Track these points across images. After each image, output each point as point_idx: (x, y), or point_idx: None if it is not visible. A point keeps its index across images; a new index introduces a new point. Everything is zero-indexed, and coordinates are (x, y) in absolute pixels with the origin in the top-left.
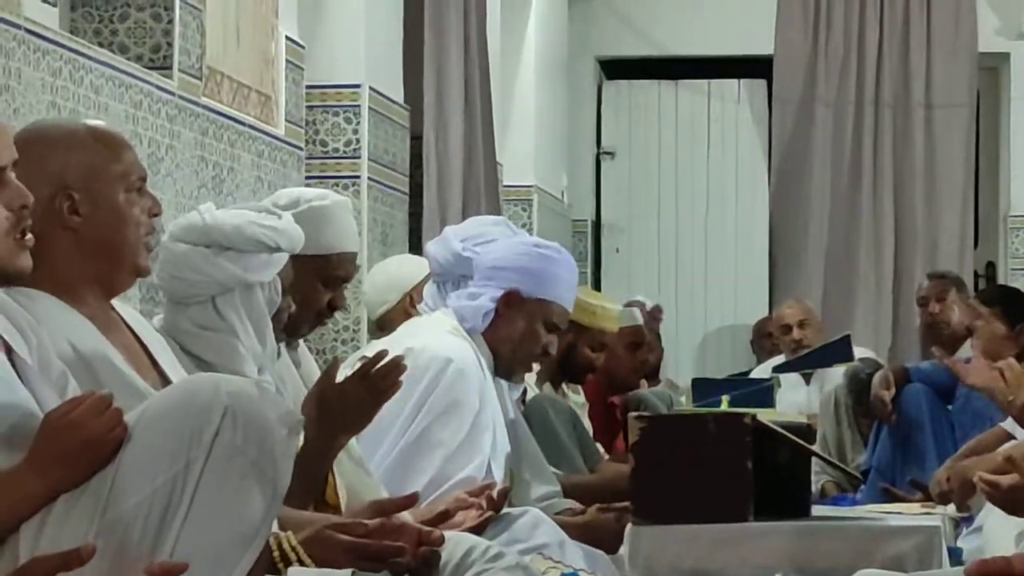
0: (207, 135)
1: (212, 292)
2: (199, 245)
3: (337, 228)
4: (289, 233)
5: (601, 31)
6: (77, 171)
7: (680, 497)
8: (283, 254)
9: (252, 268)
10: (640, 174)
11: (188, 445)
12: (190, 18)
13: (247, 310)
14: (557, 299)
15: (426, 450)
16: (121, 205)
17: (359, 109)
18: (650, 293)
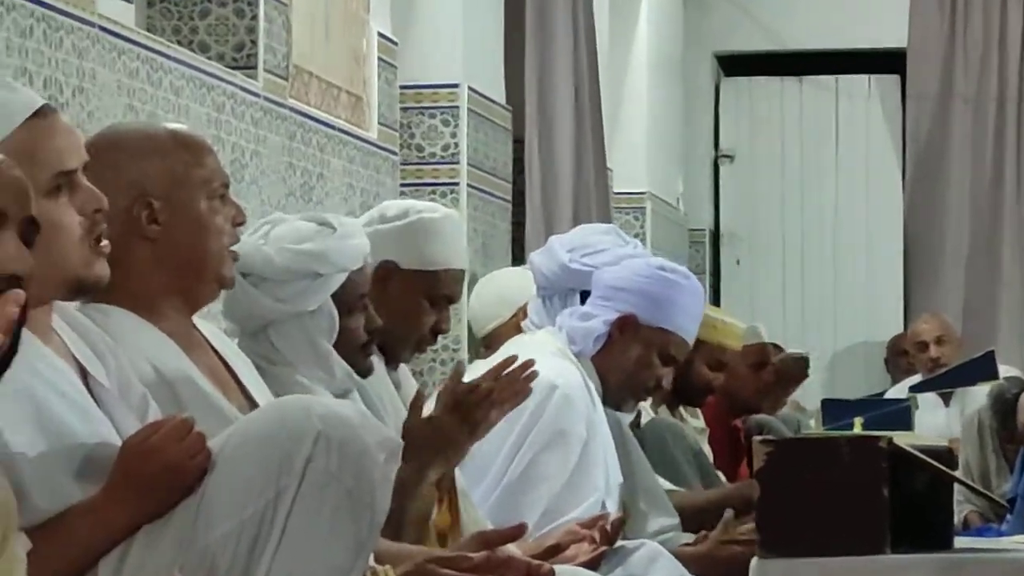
0: (294, 139)
1: (260, 323)
2: (240, 274)
3: (446, 243)
4: (333, 254)
5: (719, 24)
6: (156, 178)
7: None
8: (330, 276)
9: (289, 298)
10: (762, 179)
11: (278, 472)
12: (276, 14)
13: (301, 340)
14: (677, 329)
15: (532, 485)
16: (203, 213)
17: (457, 110)
18: (774, 307)
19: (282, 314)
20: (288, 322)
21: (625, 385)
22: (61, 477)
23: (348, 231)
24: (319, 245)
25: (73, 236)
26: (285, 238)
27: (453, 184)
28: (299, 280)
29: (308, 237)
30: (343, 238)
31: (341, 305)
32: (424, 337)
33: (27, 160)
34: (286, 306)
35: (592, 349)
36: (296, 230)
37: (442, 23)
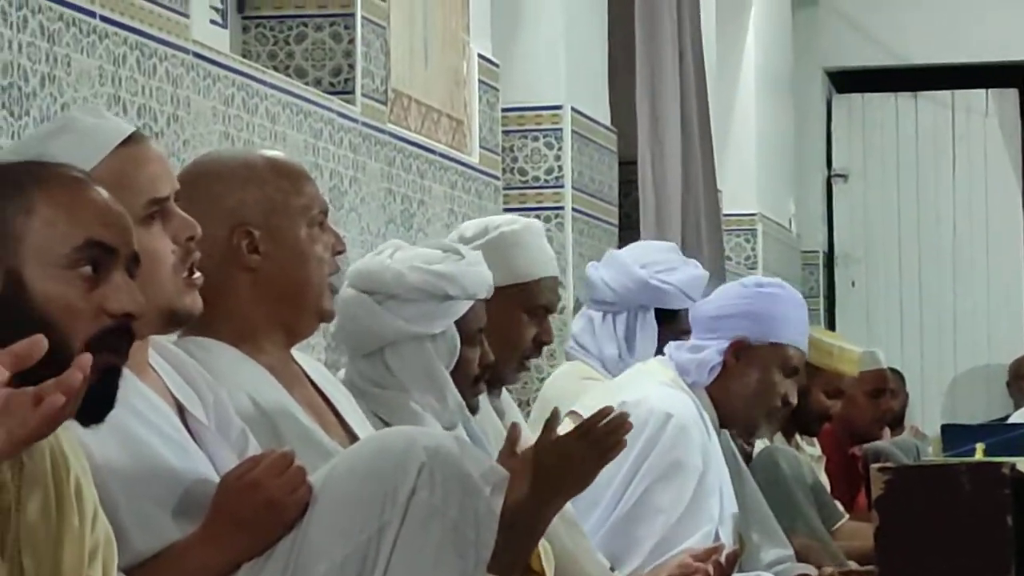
0: (394, 165)
1: (378, 344)
2: (363, 291)
3: (533, 253)
4: (463, 279)
5: (829, 40)
6: (255, 206)
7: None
8: (458, 302)
9: (417, 319)
10: (877, 198)
11: (381, 506)
12: (373, 37)
13: (418, 364)
14: (791, 341)
15: (645, 517)
16: (303, 242)
17: (561, 133)
18: (891, 331)
19: (404, 335)
20: (408, 344)
21: (753, 410)
22: (159, 516)
23: (475, 259)
24: (451, 268)
25: (167, 266)
26: (416, 259)
27: (557, 208)
28: (428, 301)
29: (437, 260)
30: (472, 265)
31: (461, 335)
32: (528, 352)
33: (120, 188)
34: (411, 326)
35: (707, 379)
36: (424, 253)
37: (544, 43)
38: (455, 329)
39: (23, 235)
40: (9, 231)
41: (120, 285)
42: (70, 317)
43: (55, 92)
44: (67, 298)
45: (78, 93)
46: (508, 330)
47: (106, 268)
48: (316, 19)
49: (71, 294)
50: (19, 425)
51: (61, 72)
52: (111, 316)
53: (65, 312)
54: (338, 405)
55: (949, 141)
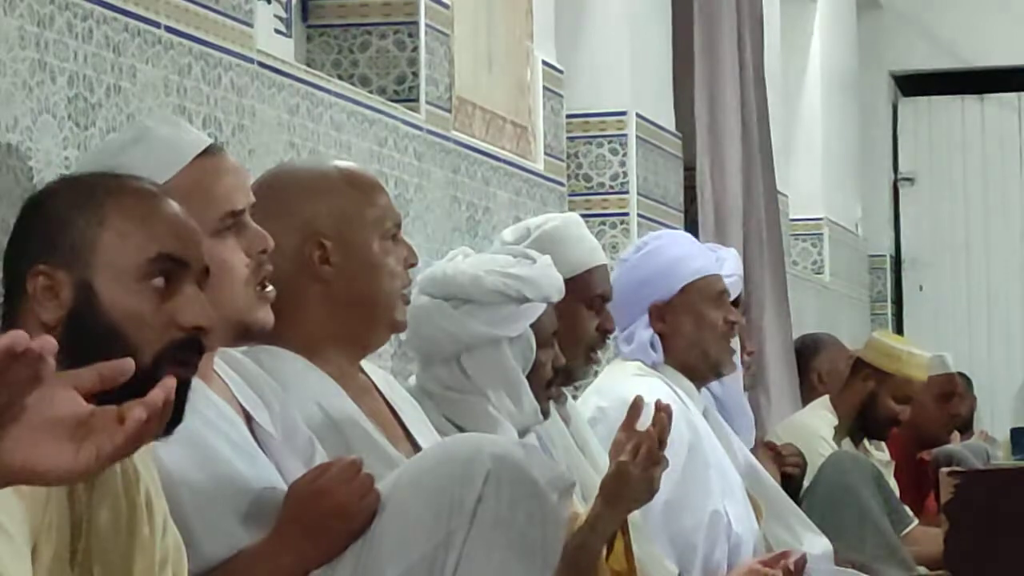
0: (459, 172)
1: (455, 349)
2: (438, 297)
3: (579, 244)
4: (538, 281)
5: (895, 42)
6: (329, 217)
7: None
8: (534, 305)
9: (495, 322)
10: (944, 201)
11: (448, 514)
12: (437, 44)
13: (496, 368)
14: (696, 275)
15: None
16: (376, 254)
17: (625, 139)
18: (960, 335)
19: (483, 339)
20: (484, 348)
21: (705, 351)
22: (228, 524)
23: (546, 262)
24: (526, 271)
25: (240, 278)
26: (489, 263)
27: (623, 215)
28: (506, 304)
29: (511, 264)
30: (544, 267)
31: (535, 338)
32: (593, 342)
33: (196, 200)
34: (489, 330)
35: (659, 355)
36: (495, 258)
37: (608, 50)
38: (531, 332)
39: (95, 246)
40: (82, 242)
41: (192, 298)
42: (141, 329)
43: (121, 103)
44: (138, 310)
45: (143, 104)
46: (571, 325)
47: (178, 281)
48: (380, 27)
49: (142, 306)
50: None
51: (127, 83)
52: (182, 329)
53: (136, 324)
54: (404, 417)
55: (1016, 143)
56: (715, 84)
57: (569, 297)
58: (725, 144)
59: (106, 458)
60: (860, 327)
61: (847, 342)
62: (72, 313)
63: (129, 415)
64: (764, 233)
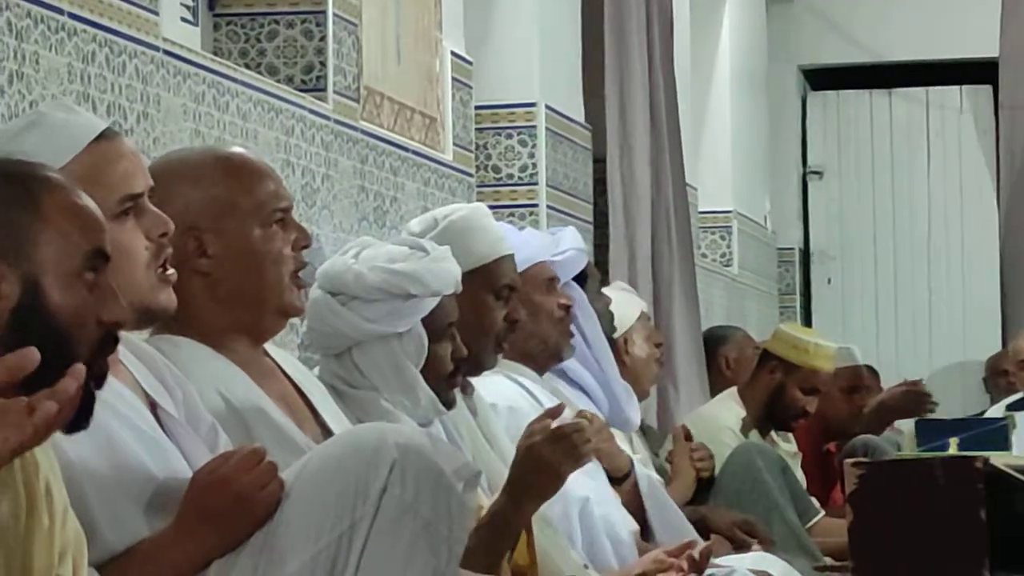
0: (367, 162)
1: (345, 344)
2: (328, 292)
3: (485, 234)
4: (425, 276)
5: (804, 37)
6: (203, 208)
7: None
8: (422, 300)
9: (380, 318)
10: (852, 195)
11: (353, 503)
12: (345, 34)
13: (386, 363)
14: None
15: None
16: (255, 243)
17: (535, 130)
18: (867, 327)
19: (369, 335)
20: (374, 344)
21: (544, 340)
22: (131, 512)
23: (441, 255)
24: (412, 266)
25: (140, 262)
26: (378, 258)
27: (532, 206)
28: (390, 300)
29: (400, 259)
30: (436, 261)
31: (430, 332)
32: (501, 333)
33: (93, 184)
34: (375, 326)
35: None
36: (389, 251)
37: (518, 41)
38: (421, 327)
39: (38, 242)
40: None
41: (111, 293)
42: (80, 326)
43: (23, 89)
44: (79, 307)
45: (47, 90)
46: (478, 315)
47: (102, 275)
48: (287, 16)
49: (81, 303)
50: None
51: (29, 69)
52: (104, 325)
53: (77, 321)
54: (313, 399)
55: (924, 138)
56: (624, 76)
57: (476, 287)
58: (634, 136)
59: (14, 449)
60: (768, 319)
61: (755, 334)
62: (17, 309)
63: (40, 406)
64: (673, 225)
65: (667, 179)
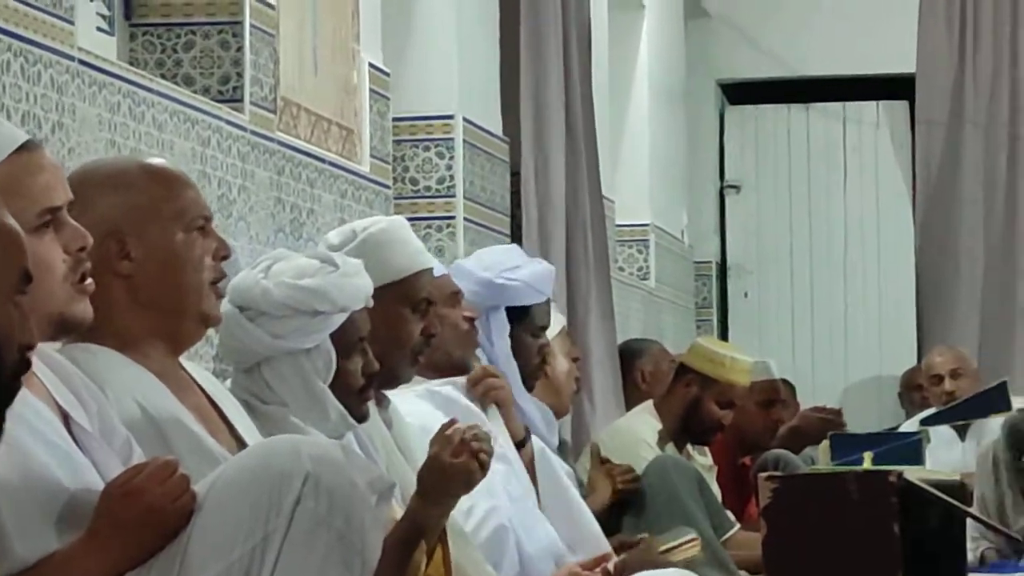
0: (283, 174)
1: (254, 359)
2: (236, 306)
3: (403, 248)
4: (332, 292)
5: (722, 51)
6: (127, 213)
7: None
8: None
9: (287, 334)
10: (769, 209)
11: (266, 516)
12: (262, 45)
13: (294, 379)
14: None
15: None
16: (178, 247)
17: (452, 143)
18: (783, 341)
19: (277, 351)
20: (283, 360)
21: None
22: (42, 524)
23: (351, 269)
24: (320, 282)
25: (58, 276)
26: (286, 273)
27: (449, 218)
28: (297, 317)
29: (309, 273)
30: (345, 276)
31: (339, 346)
32: (418, 347)
33: (13, 195)
34: (282, 343)
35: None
36: (298, 266)
37: (436, 53)
38: (330, 342)
39: None
40: None
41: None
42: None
43: None
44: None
45: None
46: (395, 328)
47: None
48: (204, 27)
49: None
50: None
51: None
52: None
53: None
54: (227, 412)
55: (840, 153)
56: (541, 89)
57: (394, 301)
58: (551, 149)
59: None
60: (685, 333)
61: (672, 348)
62: None
63: None
64: (589, 238)
65: (584, 192)
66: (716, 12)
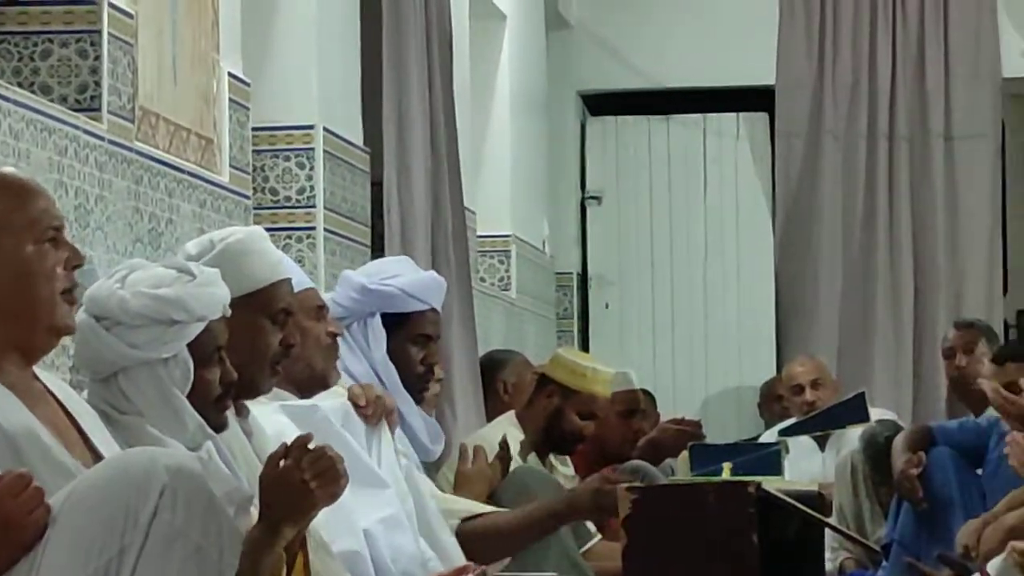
0: (141, 184)
1: (111, 369)
2: (92, 316)
3: (261, 258)
4: (189, 302)
5: (583, 62)
6: None
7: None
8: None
9: (144, 344)
10: (630, 220)
11: (123, 528)
12: (120, 54)
13: (152, 388)
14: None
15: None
16: (28, 258)
17: (313, 153)
18: (644, 352)
19: (134, 360)
20: (140, 370)
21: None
22: None
23: (208, 279)
24: (177, 291)
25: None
26: (142, 282)
27: (309, 229)
28: (154, 326)
29: (166, 283)
30: (202, 285)
31: (197, 356)
32: (276, 356)
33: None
34: (139, 352)
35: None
36: (155, 275)
37: (296, 63)
38: (187, 352)
39: None
40: None
41: None
42: None
43: None
44: None
45: None
46: (253, 338)
47: None
48: (62, 35)
49: None
50: None
51: None
52: None
53: None
54: (83, 424)
55: (701, 164)
56: (403, 99)
57: (253, 311)
58: (412, 159)
59: None
60: (547, 344)
61: (533, 358)
62: None
63: None
64: (451, 249)
65: (445, 203)
66: (577, 23)
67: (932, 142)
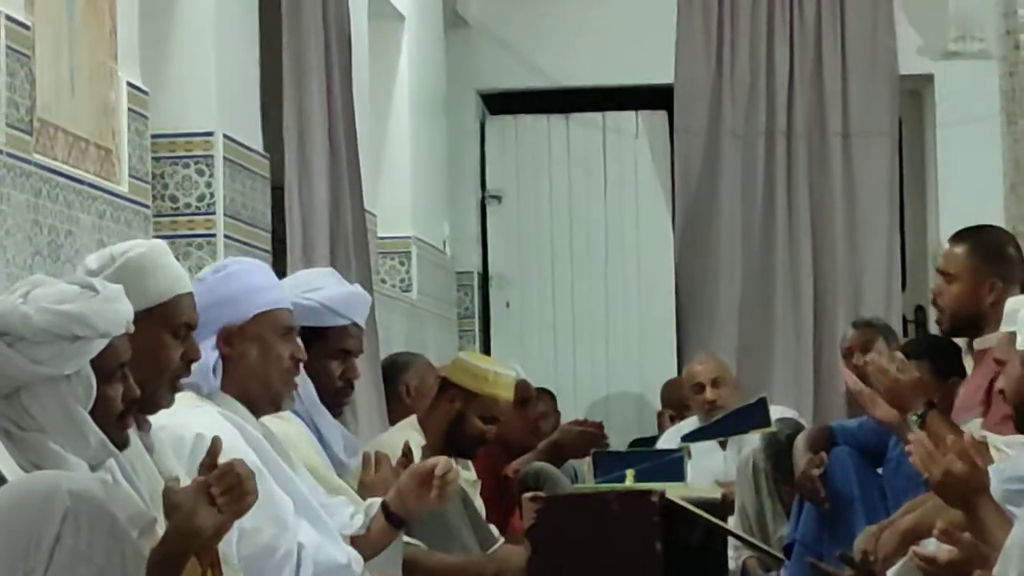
0: (40, 196)
1: (12, 386)
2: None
3: (163, 272)
4: (92, 318)
5: (482, 61)
6: None
7: None
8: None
9: (46, 360)
10: (530, 219)
11: (25, 553)
12: (17, 66)
13: (54, 405)
14: (270, 306)
15: None
16: None
17: (212, 159)
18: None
19: (36, 377)
20: (42, 386)
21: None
22: None
23: (111, 295)
24: (80, 307)
25: None
26: (46, 298)
27: (209, 235)
28: (57, 342)
29: (70, 299)
30: (106, 301)
31: (99, 372)
32: (177, 371)
33: None
34: (41, 368)
35: (215, 381)
36: (58, 291)
37: (194, 70)
38: (90, 368)
39: None
40: None
41: None
42: None
43: None
44: None
45: None
46: (154, 353)
47: None
48: None
49: None
50: None
51: None
52: None
53: None
54: None
55: (600, 162)
56: (303, 103)
57: (154, 325)
58: (313, 163)
59: None
60: (448, 344)
61: (435, 360)
62: None
63: None
64: (352, 252)
65: (346, 206)
66: (476, 22)
67: (830, 140)
